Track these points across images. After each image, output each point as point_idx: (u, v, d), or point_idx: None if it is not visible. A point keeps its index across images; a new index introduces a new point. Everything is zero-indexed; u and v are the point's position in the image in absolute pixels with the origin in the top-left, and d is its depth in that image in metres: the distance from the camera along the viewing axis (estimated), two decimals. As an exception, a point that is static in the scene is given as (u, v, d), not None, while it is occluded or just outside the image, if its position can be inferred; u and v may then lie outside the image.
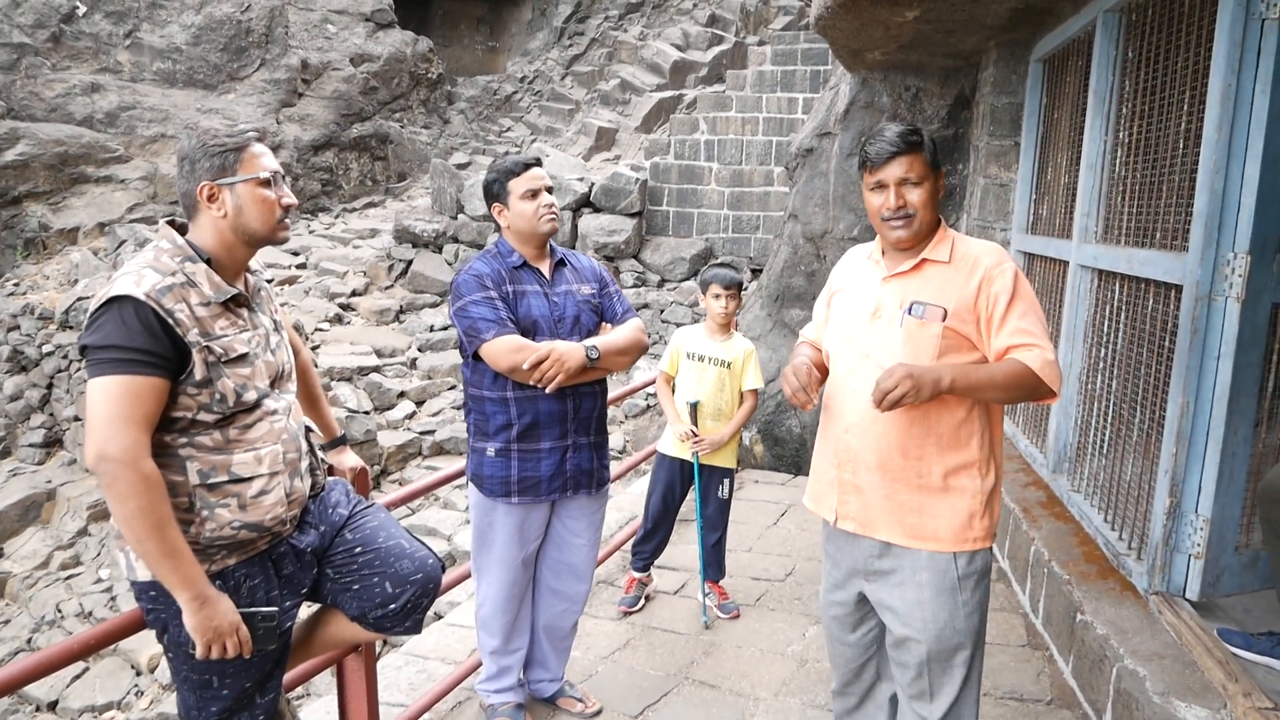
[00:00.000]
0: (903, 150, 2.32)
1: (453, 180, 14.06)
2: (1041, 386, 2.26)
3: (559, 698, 3.47)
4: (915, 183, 2.33)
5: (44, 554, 9.76)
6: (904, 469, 2.36)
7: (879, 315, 2.41)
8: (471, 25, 21.55)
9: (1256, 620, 3.13)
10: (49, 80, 14.63)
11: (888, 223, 2.36)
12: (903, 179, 2.33)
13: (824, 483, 2.56)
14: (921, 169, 2.34)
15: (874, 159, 2.35)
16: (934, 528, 2.37)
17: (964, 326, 2.32)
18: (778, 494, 6.27)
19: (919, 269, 2.39)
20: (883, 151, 2.33)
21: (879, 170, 2.35)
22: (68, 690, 7.82)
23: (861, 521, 2.45)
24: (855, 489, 2.45)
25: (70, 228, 14.34)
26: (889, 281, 2.42)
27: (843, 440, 2.46)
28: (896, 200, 2.33)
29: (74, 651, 2.08)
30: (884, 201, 2.35)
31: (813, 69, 13.95)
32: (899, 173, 2.33)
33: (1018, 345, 2.27)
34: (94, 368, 1.95)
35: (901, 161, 2.32)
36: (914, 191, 2.34)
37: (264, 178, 2.18)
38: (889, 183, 2.34)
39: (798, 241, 7.59)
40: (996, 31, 5.38)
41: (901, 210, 2.33)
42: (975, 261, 2.35)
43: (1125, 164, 3.89)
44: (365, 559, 2.37)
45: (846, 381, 2.45)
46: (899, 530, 2.39)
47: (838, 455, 2.48)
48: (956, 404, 2.33)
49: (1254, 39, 2.87)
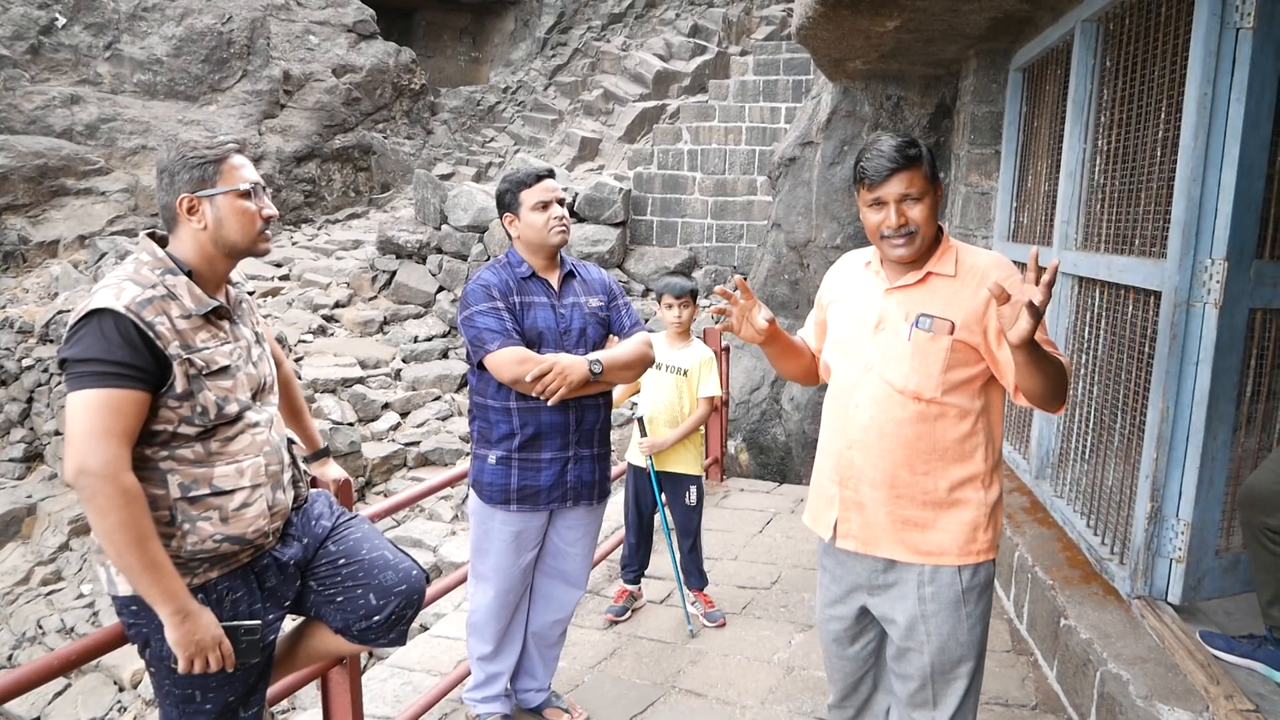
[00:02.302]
0: (902, 166, 2.19)
1: (436, 191, 14.05)
2: (1065, 389, 2.19)
3: (545, 708, 3.46)
4: (916, 198, 2.21)
5: (25, 569, 9.67)
6: (911, 485, 2.30)
7: (882, 327, 2.32)
8: (454, 36, 21.56)
9: (1238, 623, 3.15)
10: (28, 92, 14.55)
11: (888, 240, 2.24)
12: (903, 195, 2.20)
13: (823, 499, 2.48)
14: (922, 183, 2.21)
15: (872, 176, 2.22)
16: (939, 541, 2.31)
17: (972, 339, 2.24)
18: (763, 502, 6.28)
19: (924, 282, 2.30)
20: (881, 169, 2.20)
21: (878, 188, 2.21)
22: (49, 707, 7.75)
23: (863, 540, 2.38)
24: (857, 505, 2.38)
25: (50, 240, 14.24)
26: (892, 293, 2.33)
27: (845, 456, 2.38)
28: (898, 219, 2.20)
29: (55, 667, 2.06)
30: (884, 219, 2.23)
31: (795, 78, 14.04)
32: (899, 189, 2.20)
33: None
34: (74, 381, 1.94)
35: (902, 178, 2.19)
36: (915, 208, 2.21)
37: (244, 189, 2.17)
38: (889, 200, 2.21)
39: (781, 250, 7.62)
40: (976, 41, 5.42)
41: (904, 229, 2.21)
42: (983, 274, 2.26)
43: (1104, 172, 3.92)
44: (349, 571, 2.36)
45: (848, 395, 2.37)
46: (903, 547, 2.33)
47: (839, 471, 2.40)
48: (962, 416, 2.28)
49: (1229, 48, 2.90)
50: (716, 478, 6.61)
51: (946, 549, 2.32)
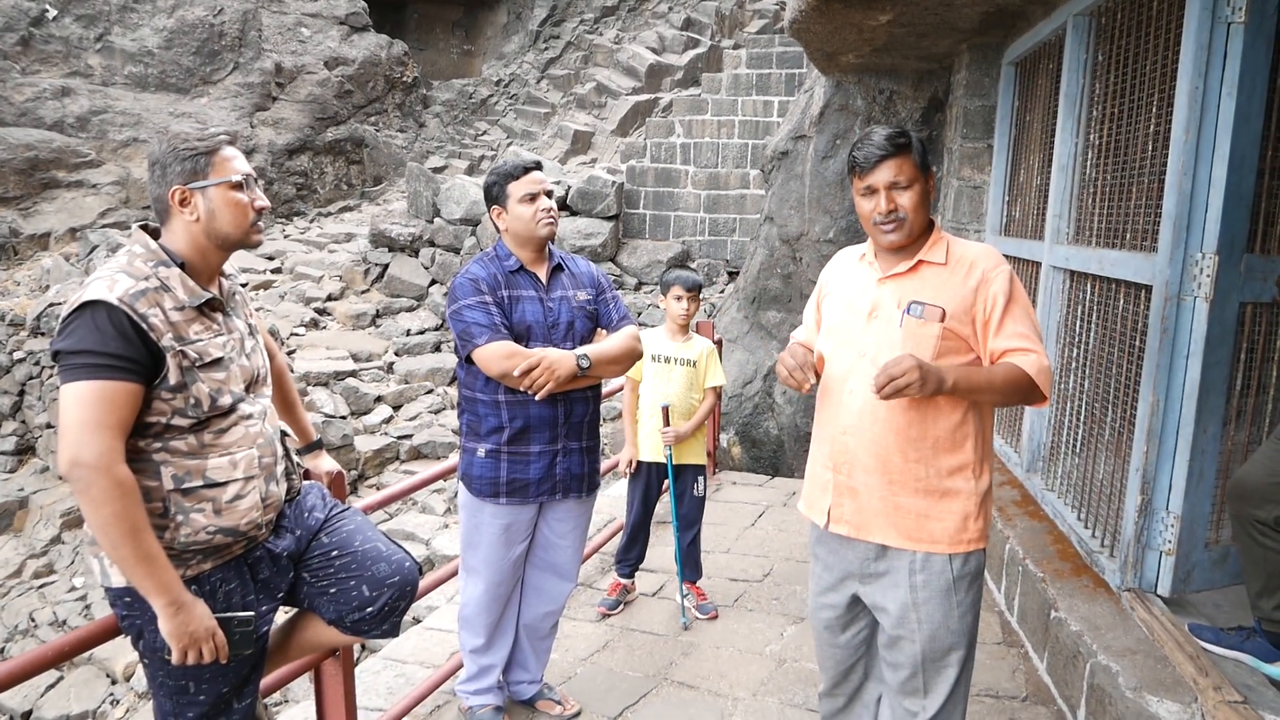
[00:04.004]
0: (890, 154, 2.30)
1: (429, 184, 14.02)
2: (1035, 391, 2.28)
3: (538, 700, 3.47)
4: (905, 186, 2.32)
5: (17, 562, 9.65)
6: (904, 471, 2.35)
7: (876, 315, 2.39)
8: (447, 29, 21.51)
9: (1226, 615, 3.17)
10: (18, 84, 14.48)
11: (879, 226, 2.34)
12: (892, 183, 2.31)
13: (817, 486, 2.53)
14: (911, 171, 2.32)
15: (862, 163, 2.33)
16: (930, 530, 2.36)
17: (962, 328, 2.32)
18: (755, 495, 6.29)
19: (915, 270, 2.38)
20: (871, 156, 2.31)
21: (868, 175, 2.33)
22: (41, 700, 7.73)
23: (856, 524, 2.43)
24: (850, 491, 2.43)
25: (41, 233, 14.19)
26: (885, 283, 2.41)
27: (839, 442, 2.44)
28: (887, 204, 2.31)
29: (48, 658, 2.06)
30: (874, 206, 2.33)
31: (788, 72, 14.02)
32: (888, 176, 2.31)
33: (1015, 349, 2.28)
34: (67, 373, 1.94)
35: (890, 165, 2.30)
36: (904, 195, 2.32)
37: (236, 181, 2.17)
38: (878, 187, 2.32)
39: (774, 244, 7.63)
40: (969, 35, 5.43)
41: (892, 215, 2.31)
42: (972, 264, 2.35)
43: (1096, 166, 3.93)
44: (342, 562, 2.36)
45: (843, 382, 2.43)
46: (894, 533, 2.38)
47: (833, 458, 2.46)
48: (953, 407, 2.33)
49: (1220, 42, 2.92)
50: (709, 471, 6.62)
51: (938, 537, 2.36)
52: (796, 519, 5.59)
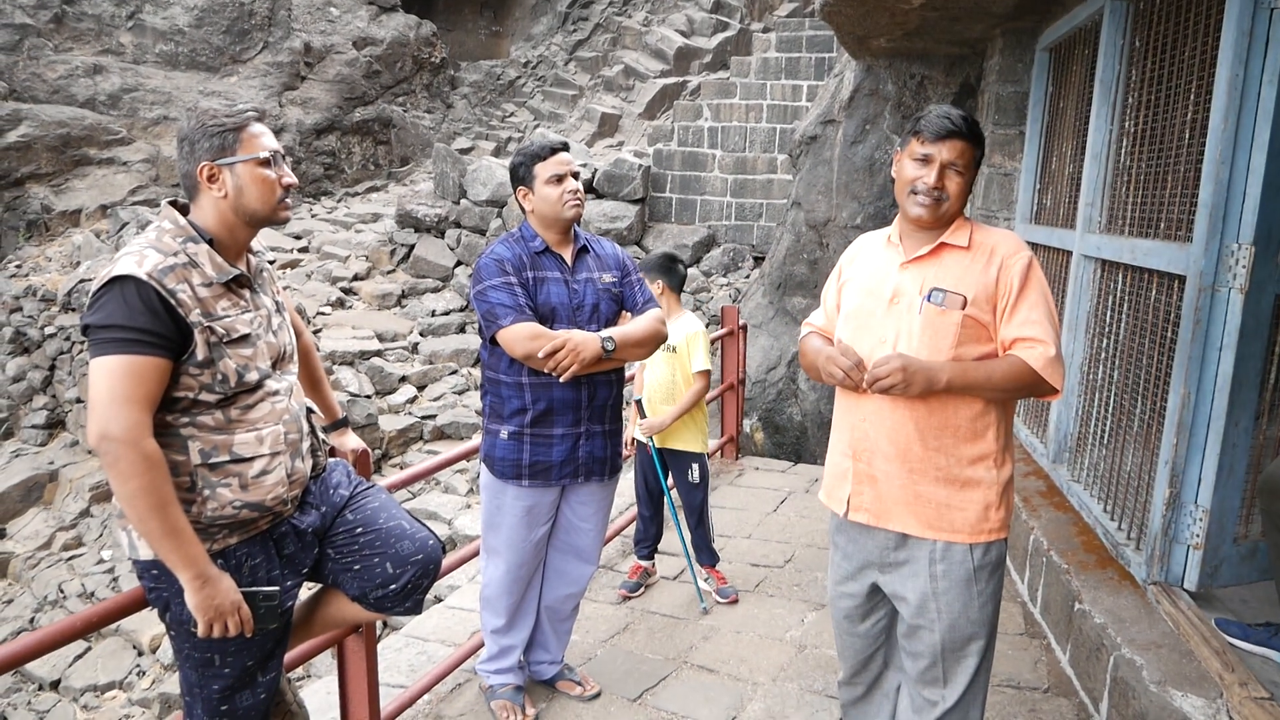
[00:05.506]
0: (962, 133, 2.26)
1: (455, 165, 14.04)
2: (1043, 384, 2.25)
3: (558, 680, 3.49)
4: (960, 171, 2.29)
5: (46, 535, 9.81)
6: (924, 459, 2.33)
7: (897, 301, 2.36)
8: (475, 9, 21.47)
9: (1254, 611, 3.13)
10: (51, 62, 14.60)
11: (916, 196, 2.30)
12: (950, 162, 2.27)
13: (837, 474, 2.51)
14: (969, 159, 2.29)
15: (929, 131, 2.28)
16: (951, 519, 2.34)
17: (983, 315, 2.29)
18: (778, 481, 6.28)
19: (937, 254, 2.35)
20: (943, 128, 2.26)
21: (931, 144, 2.28)
22: (69, 670, 7.87)
23: (875, 513, 2.41)
24: (870, 479, 2.41)
25: (73, 210, 14.34)
26: (907, 268, 2.37)
27: (859, 429, 2.42)
28: (937, 180, 2.27)
29: (76, 629, 2.09)
30: (922, 175, 2.29)
31: (818, 56, 13.92)
32: (949, 155, 2.27)
33: (1023, 339, 2.25)
34: (96, 347, 1.95)
35: (956, 145, 2.27)
36: (955, 180, 2.29)
37: (264, 157, 2.17)
38: (936, 159, 2.28)
39: (800, 229, 7.59)
40: (1003, 19, 5.35)
41: (937, 192, 2.28)
42: (993, 249, 2.32)
43: (1130, 154, 3.88)
44: (366, 539, 2.38)
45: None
46: (914, 521, 2.36)
47: (853, 445, 2.44)
48: (973, 396, 2.30)
49: (1262, 28, 2.86)
50: (731, 456, 6.61)
51: (959, 526, 2.35)
52: (818, 505, 5.57)
